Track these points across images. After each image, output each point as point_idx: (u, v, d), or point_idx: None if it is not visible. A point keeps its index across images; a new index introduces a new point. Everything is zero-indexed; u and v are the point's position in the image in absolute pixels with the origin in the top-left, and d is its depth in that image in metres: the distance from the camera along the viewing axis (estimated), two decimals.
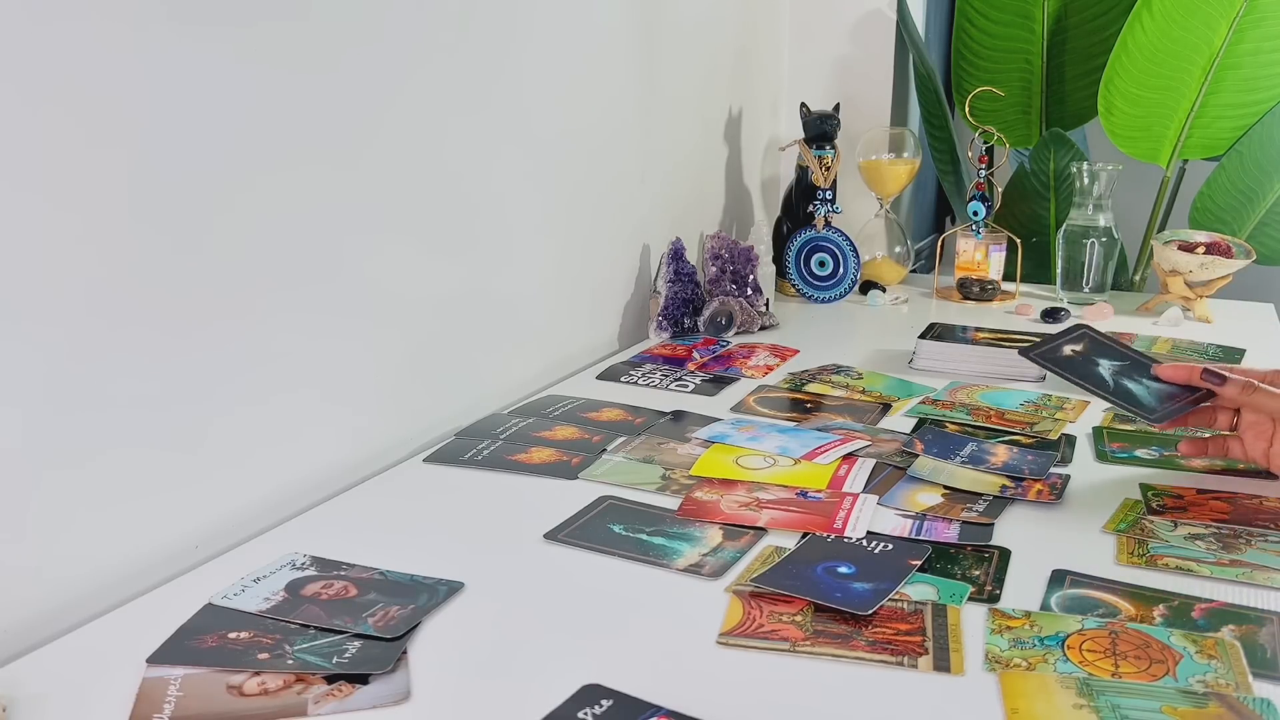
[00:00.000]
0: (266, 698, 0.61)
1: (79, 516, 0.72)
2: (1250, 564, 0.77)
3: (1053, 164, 1.98)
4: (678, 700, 0.61)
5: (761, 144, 1.95)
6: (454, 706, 0.61)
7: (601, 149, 1.37)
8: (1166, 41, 1.84)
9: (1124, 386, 0.88)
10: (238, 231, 0.82)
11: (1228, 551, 0.80)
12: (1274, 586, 0.74)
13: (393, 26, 0.96)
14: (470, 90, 1.08)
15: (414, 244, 1.03)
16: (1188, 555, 0.79)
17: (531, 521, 0.86)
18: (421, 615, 0.71)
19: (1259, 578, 0.75)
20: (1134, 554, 0.79)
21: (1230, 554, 0.79)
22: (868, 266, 1.83)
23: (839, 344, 1.45)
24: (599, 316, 1.41)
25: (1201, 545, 0.81)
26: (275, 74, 0.83)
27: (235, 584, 0.74)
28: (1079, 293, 1.67)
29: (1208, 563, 0.78)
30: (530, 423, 1.10)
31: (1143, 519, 0.86)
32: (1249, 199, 1.95)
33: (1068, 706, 0.60)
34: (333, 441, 0.95)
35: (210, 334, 0.81)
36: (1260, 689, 0.62)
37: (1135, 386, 0.87)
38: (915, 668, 0.64)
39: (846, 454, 0.99)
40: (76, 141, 0.69)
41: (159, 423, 0.77)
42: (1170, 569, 0.77)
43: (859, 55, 1.98)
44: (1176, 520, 0.85)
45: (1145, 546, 0.81)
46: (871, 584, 0.74)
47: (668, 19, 1.51)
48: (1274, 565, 0.77)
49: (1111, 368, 0.90)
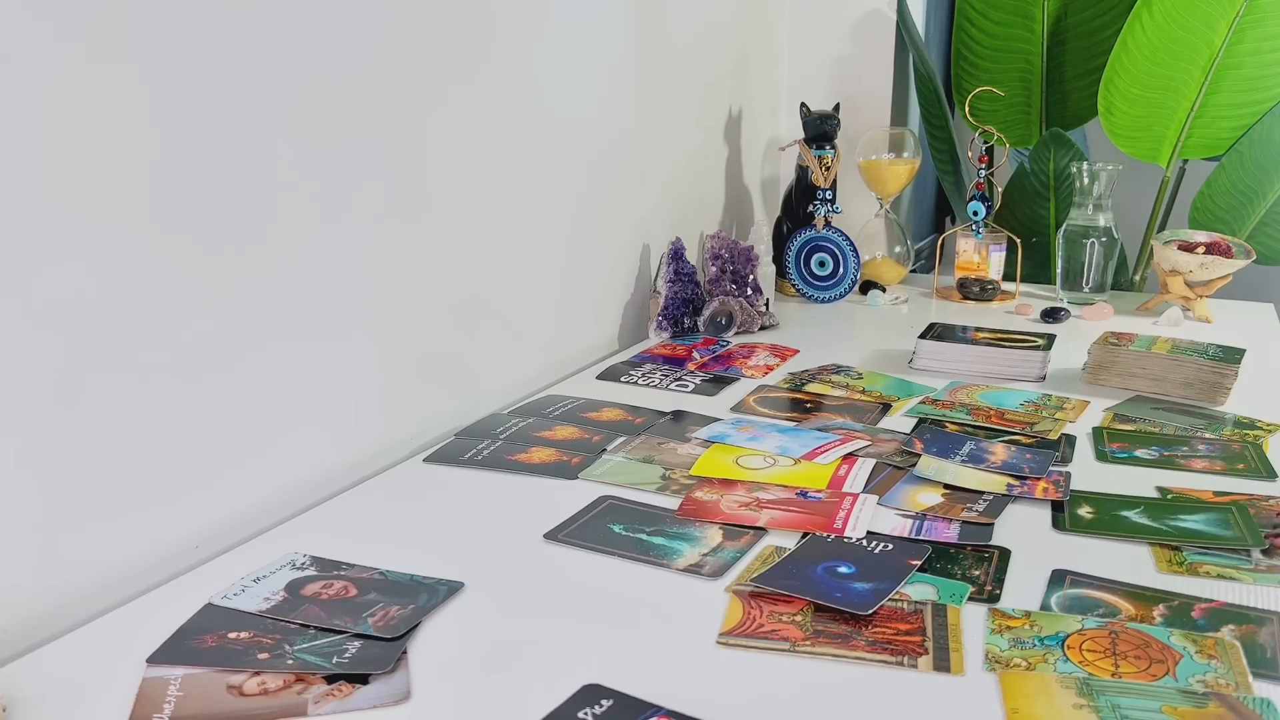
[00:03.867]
0: (266, 698, 0.61)
1: (79, 517, 0.72)
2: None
3: (1053, 164, 1.98)
4: (678, 700, 0.61)
5: (761, 144, 1.95)
6: (454, 706, 0.61)
7: (602, 149, 1.37)
8: (1166, 41, 1.84)
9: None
10: (236, 234, 0.82)
11: (1267, 557, 0.79)
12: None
13: (398, 31, 0.96)
14: (470, 91, 1.08)
15: (415, 244, 1.03)
16: (1227, 563, 0.78)
17: (531, 521, 0.86)
18: (421, 615, 0.71)
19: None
20: (1172, 561, 0.79)
21: (1270, 559, 0.78)
22: (868, 266, 1.83)
23: (839, 344, 1.45)
24: (599, 316, 1.41)
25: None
26: (291, 75, 0.83)
27: (235, 584, 0.74)
28: (1079, 292, 1.67)
29: (1246, 569, 0.77)
30: (530, 423, 1.10)
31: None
32: (1249, 199, 1.95)
33: (1068, 706, 0.60)
34: (333, 441, 0.95)
35: (210, 335, 0.81)
36: (1260, 689, 0.62)
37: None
38: (915, 668, 0.64)
39: (846, 454, 0.99)
40: (77, 145, 0.69)
41: (159, 423, 0.77)
42: (1212, 576, 0.76)
43: (859, 55, 1.98)
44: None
45: (1181, 554, 0.80)
46: (871, 584, 0.74)
47: (668, 20, 1.51)
48: None
49: None
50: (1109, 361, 1.25)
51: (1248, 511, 0.86)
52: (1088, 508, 0.88)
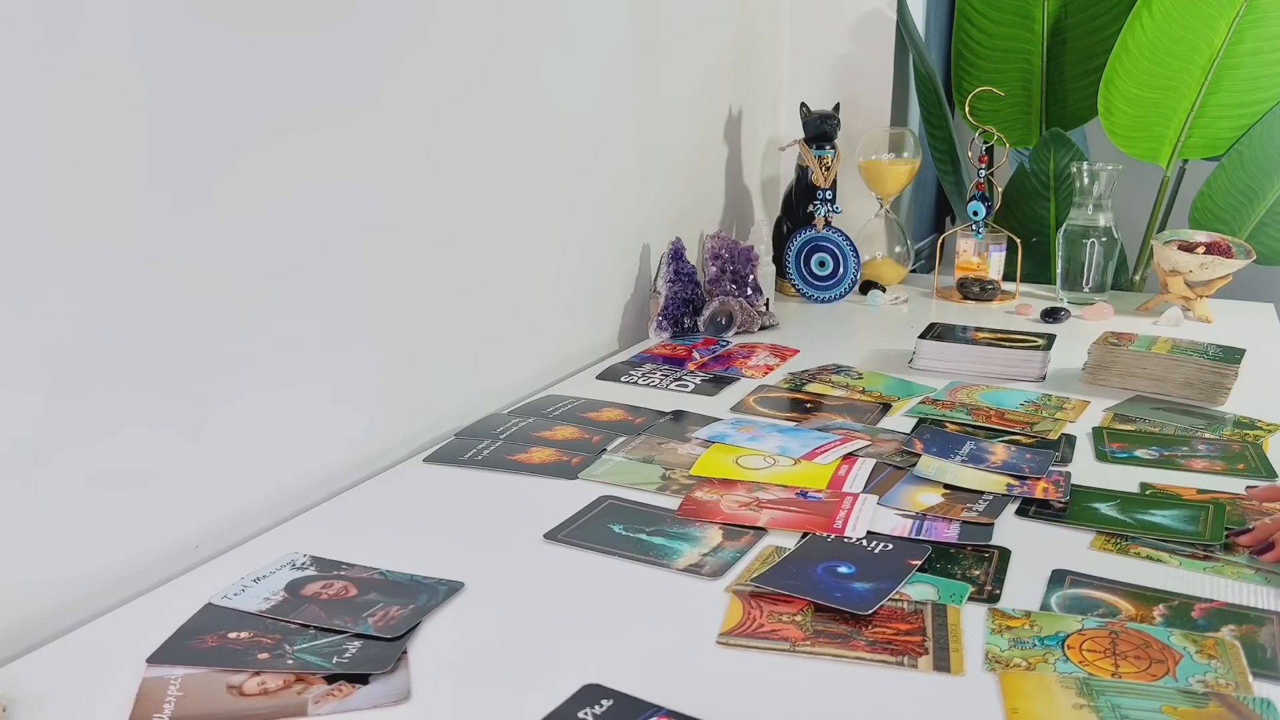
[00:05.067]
0: (266, 698, 0.61)
1: (79, 517, 0.72)
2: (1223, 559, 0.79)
3: (1053, 164, 1.98)
4: (678, 700, 0.61)
5: (761, 144, 1.95)
6: (454, 706, 0.61)
7: (602, 149, 1.37)
8: (1166, 41, 1.84)
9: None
10: (237, 234, 0.82)
11: (1228, 554, 0.80)
12: (1274, 585, 0.74)
13: (398, 32, 0.96)
14: (471, 91, 1.08)
15: (415, 244, 1.03)
16: (1161, 548, 0.81)
17: (531, 521, 0.86)
18: (421, 615, 0.71)
19: (1228, 571, 0.77)
20: (1106, 544, 0.82)
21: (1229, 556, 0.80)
22: (868, 266, 1.83)
23: (839, 344, 1.45)
24: (599, 316, 1.41)
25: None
26: (284, 77, 0.83)
27: (235, 584, 0.74)
28: (1079, 292, 1.67)
29: (1180, 555, 0.79)
30: (530, 423, 1.10)
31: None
32: (1249, 199, 1.95)
33: (1068, 706, 0.60)
34: (333, 441, 0.95)
35: (210, 335, 0.81)
36: (1260, 689, 0.62)
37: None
38: (915, 668, 0.64)
39: (846, 454, 0.99)
40: (77, 145, 0.69)
41: (159, 423, 0.77)
42: (1141, 558, 0.79)
43: (859, 55, 1.98)
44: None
45: (1118, 539, 0.82)
46: (871, 584, 0.74)
47: (668, 19, 1.51)
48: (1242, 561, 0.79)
49: None
50: (1109, 361, 1.25)
51: (1223, 510, 0.86)
52: (1063, 500, 0.90)
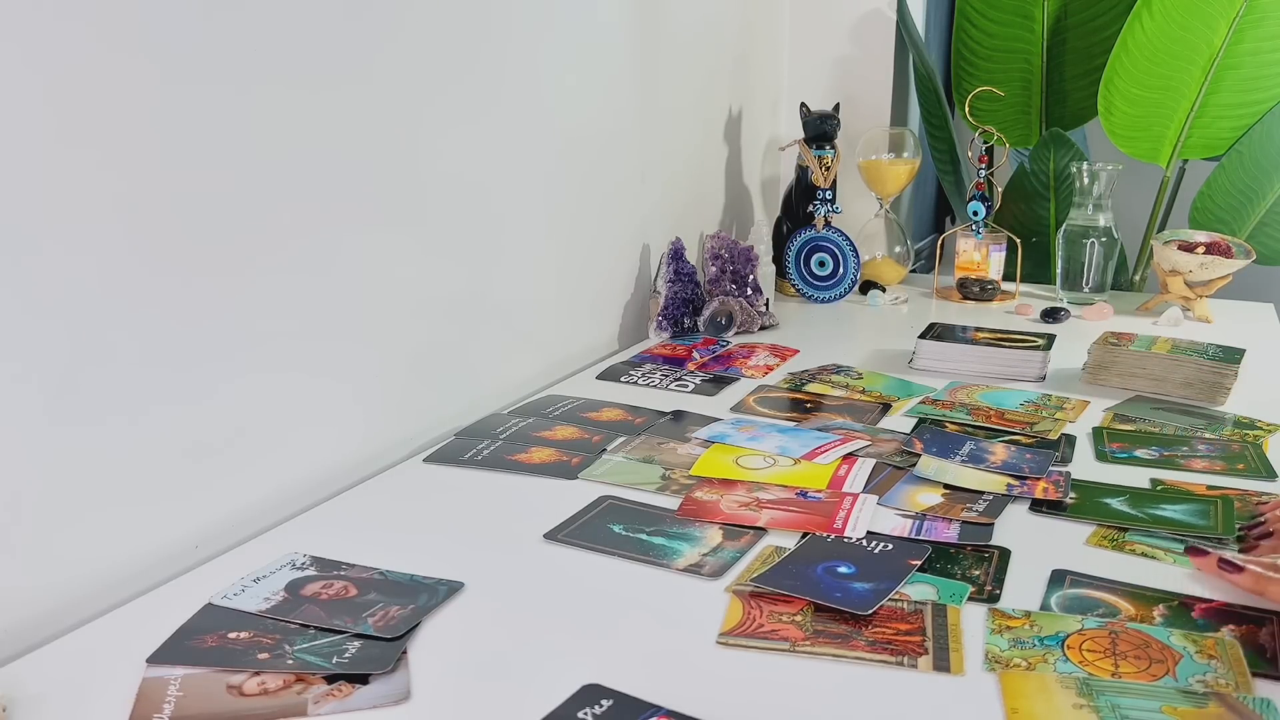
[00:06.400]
0: (266, 698, 0.61)
1: (79, 517, 0.72)
2: None
3: (1053, 164, 1.98)
4: (678, 700, 0.61)
5: (761, 144, 1.95)
6: (454, 706, 0.61)
7: (602, 149, 1.37)
8: (1166, 41, 1.84)
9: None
10: (235, 234, 0.82)
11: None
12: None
13: (398, 32, 0.96)
14: (470, 90, 1.08)
15: (415, 244, 1.03)
16: (1153, 543, 0.81)
17: (531, 521, 0.86)
18: (421, 615, 0.71)
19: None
20: (1102, 539, 0.82)
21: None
22: (868, 266, 1.83)
23: (839, 344, 1.45)
24: (599, 316, 1.41)
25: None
26: (285, 76, 0.83)
27: (235, 584, 0.74)
28: (1079, 293, 1.67)
29: (1174, 552, 0.80)
30: (530, 423, 1.10)
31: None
32: (1249, 199, 1.95)
33: (1068, 706, 0.60)
34: (333, 441, 0.95)
35: (210, 335, 0.81)
36: (1260, 689, 0.62)
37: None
38: (915, 668, 0.64)
39: (846, 454, 0.99)
40: (77, 146, 0.69)
41: (158, 423, 0.77)
42: (1137, 554, 0.79)
43: (859, 55, 1.98)
44: None
45: (1113, 534, 0.83)
46: (871, 584, 0.74)
47: (668, 19, 1.51)
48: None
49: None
50: (1109, 361, 1.25)
51: (1232, 505, 0.86)
52: (1074, 494, 0.91)
